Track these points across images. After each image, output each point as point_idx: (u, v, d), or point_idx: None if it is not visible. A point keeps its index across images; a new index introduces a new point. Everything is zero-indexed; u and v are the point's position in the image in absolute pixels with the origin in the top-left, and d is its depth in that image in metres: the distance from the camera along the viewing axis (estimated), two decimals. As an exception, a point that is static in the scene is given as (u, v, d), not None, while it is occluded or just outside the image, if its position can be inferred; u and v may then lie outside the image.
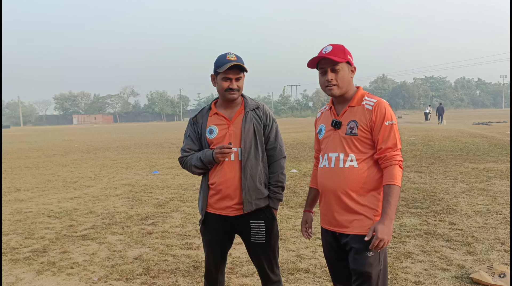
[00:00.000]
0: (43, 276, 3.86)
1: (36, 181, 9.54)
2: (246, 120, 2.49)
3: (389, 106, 2.14)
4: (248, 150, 2.46)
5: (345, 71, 2.15)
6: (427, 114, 39.65)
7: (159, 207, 6.43)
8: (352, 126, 2.13)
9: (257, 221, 2.49)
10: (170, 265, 4.03)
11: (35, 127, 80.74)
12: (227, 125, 2.49)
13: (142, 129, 45.70)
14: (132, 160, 13.21)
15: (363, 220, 2.11)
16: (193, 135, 2.60)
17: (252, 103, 2.56)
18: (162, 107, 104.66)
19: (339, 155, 2.15)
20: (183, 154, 2.61)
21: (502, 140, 15.17)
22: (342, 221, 2.15)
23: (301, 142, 17.49)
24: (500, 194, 6.52)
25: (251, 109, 2.52)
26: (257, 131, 2.50)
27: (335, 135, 2.18)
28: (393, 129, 2.09)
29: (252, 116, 2.51)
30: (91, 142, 23.83)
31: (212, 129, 2.51)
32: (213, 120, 2.53)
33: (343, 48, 2.16)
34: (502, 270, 3.44)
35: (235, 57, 2.43)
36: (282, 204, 6.32)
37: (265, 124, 2.55)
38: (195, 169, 2.53)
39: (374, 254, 2.09)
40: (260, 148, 2.50)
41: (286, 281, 3.58)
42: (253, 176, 2.46)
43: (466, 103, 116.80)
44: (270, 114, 2.59)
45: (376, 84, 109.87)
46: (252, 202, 2.45)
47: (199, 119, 2.59)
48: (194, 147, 2.58)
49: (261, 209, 2.50)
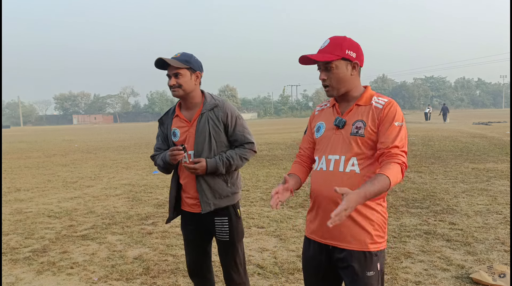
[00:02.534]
0: (43, 276, 3.86)
1: (36, 181, 9.53)
2: (201, 121, 2.46)
3: (399, 108, 1.93)
4: (200, 153, 2.46)
5: (341, 69, 1.89)
6: (427, 114, 39.65)
7: (159, 207, 6.43)
8: (359, 126, 1.89)
9: (221, 218, 2.52)
10: (170, 265, 4.03)
11: (35, 127, 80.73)
12: (187, 127, 2.51)
13: (142, 129, 45.68)
14: (132, 160, 13.20)
15: (362, 234, 1.87)
16: (161, 136, 2.66)
17: (211, 102, 2.50)
18: (162, 107, 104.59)
19: (340, 157, 1.90)
20: (154, 152, 2.69)
21: (502, 140, 15.16)
22: (338, 233, 1.90)
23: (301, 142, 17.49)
24: (500, 194, 6.52)
25: (207, 110, 2.48)
26: (214, 132, 2.47)
27: (337, 135, 1.94)
28: (403, 131, 1.87)
29: (208, 117, 2.47)
30: (91, 142, 23.83)
31: (175, 132, 2.55)
32: (175, 122, 2.56)
33: (340, 42, 1.89)
34: (502, 270, 3.44)
35: (180, 54, 2.44)
36: (282, 204, 6.32)
37: (226, 124, 2.49)
38: (160, 168, 2.60)
39: (374, 273, 1.88)
40: (215, 149, 2.47)
41: (286, 281, 3.58)
42: (205, 178, 2.46)
43: (466, 103, 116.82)
44: (231, 111, 2.51)
45: (376, 84, 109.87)
46: (210, 202, 2.47)
47: (165, 121, 2.64)
48: (163, 146, 2.64)
49: (226, 206, 2.52)
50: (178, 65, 2.40)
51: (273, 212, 5.85)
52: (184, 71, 2.42)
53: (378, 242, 1.90)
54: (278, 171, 9.60)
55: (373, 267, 1.88)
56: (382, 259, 1.93)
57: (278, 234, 4.86)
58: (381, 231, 1.91)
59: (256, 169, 10.06)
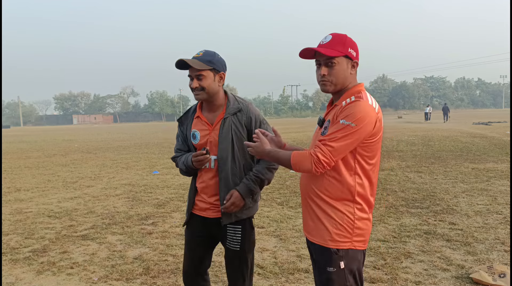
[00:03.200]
0: (43, 276, 3.86)
1: (36, 181, 9.53)
2: (224, 127, 2.33)
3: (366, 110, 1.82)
4: (225, 160, 2.34)
5: (342, 66, 1.90)
6: (427, 114, 39.64)
7: (159, 207, 6.43)
8: (326, 125, 1.93)
9: (234, 226, 2.39)
10: (170, 265, 4.03)
11: (35, 127, 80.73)
12: (208, 131, 2.38)
13: (142, 129, 45.68)
14: (132, 160, 13.20)
15: (323, 230, 1.92)
16: (181, 136, 2.54)
17: (234, 106, 2.37)
18: (162, 107, 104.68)
19: None
20: (175, 154, 2.59)
21: (502, 140, 15.16)
22: (308, 226, 2.02)
23: (301, 142, 17.49)
24: (500, 194, 6.52)
25: (231, 114, 2.36)
26: (237, 139, 2.34)
27: (317, 133, 2.01)
28: (343, 129, 1.79)
29: (231, 121, 2.35)
30: (91, 142, 23.82)
31: (194, 134, 2.43)
32: (196, 124, 2.44)
33: (343, 39, 1.91)
34: (502, 270, 3.44)
35: (202, 53, 2.29)
36: (282, 204, 6.33)
37: (249, 129, 2.38)
38: (182, 172, 2.51)
39: (336, 270, 1.89)
40: (239, 156, 2.35)
41: (286, 281, 3.58)
42: (229, 188, 2.34)
43: (466, 103, 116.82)
44: (255, 116, 2.39)
45: (376, 84, 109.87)
46: (231, 215, 2.36)
47: (184, 121, 2.52)
48: (183, 147, 2.53)
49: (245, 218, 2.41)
50: (201, 66, 2.25)
51: (273, 212, 5.85)
52: (207, 73, 2.28)
53: (338, 240, 1.90)
54: (278, 171, 9.56)
55: (334, 264, 1.90)
56: (349, 260, 1.91)
57: (278, 234, 4.86)
58: (345, 231, 1.90)
59: (256, 169, 10.05)
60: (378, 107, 1.92)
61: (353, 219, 1.91)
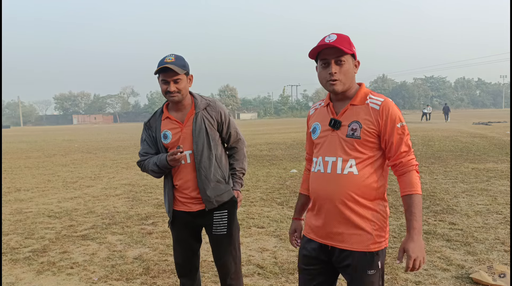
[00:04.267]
0: (43, 276, 3.86)
1: (36, 181, 9.53)
2: (197, 121, 2.48)
3: (396, 106, 1.91)
4: (201, 152, 2.47)
5: (350, 65, 1.89)
6: (425, 113, 39.54)
7: (159, 207, 6.43)
8: (354, 127, 1.86)
9: (220, 212, 2.54)
10: (170, 265, 4.03)
11: (35, 127, 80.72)
12: (179, 128, 2.50)
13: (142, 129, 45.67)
14: (132, 160, 13.20)
15: (363, 235, 1.88)
16: (148, 140, 2.62)
17: (203, 102, 2.53)
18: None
19: (337, 159, 1.88)
20: (140, 158, 2.64)
21: (502, 140, 15.16)
22: (338, 234, 1.91)
23: (301, 142, 17.49)
24: (500, 194, 6.52)
25: (201, 109, 2.51)
26: (210, 130, 2.50)
27: (333, 137, 1.91)
28: (405, 131, 1.88)
29: (203, 116, 2.50)
30: (91, 142, 23.82)
31: (166, 134, 2.52)
32: (166, 124, 2.53)
33: (348, 39, 1.90)
34: (502, 270, 3.44)
35: (174, 58, 2.40)
36: (282, 204, 6.33)
37: (219, 122, 2.55)
38: (152, 173, 2.57)
39: (375, 272, 1.90)
40: (213, 147, 2.51)
41: (286, 281, 3.58)
42: (207, 176, 2.49)
43: (466, 103, 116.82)
44: (223, 110, 2.57)
45: (376, 84, 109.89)
46: (212, 200, 2.50)
47: (152, 124, 2.61)
48: (151, 151, 2.61)
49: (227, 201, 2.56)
50: (179, 71, 2.39)
51: (273, 212, 5.85)
52: (182, 76, 2.43)
53: (378, 242, 1.90)
54: (278, 171, 9.60)
55: (374, 266, 1.89)
56: (383, 258, 1.95)
57: (278, 234, 4.86)
58: (382, 231, 1.91)
59: (256, 169, 10.06)
60: None
61: (385, 217, 1.94)
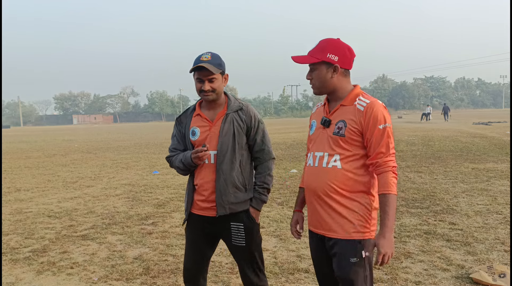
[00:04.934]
0: (43, 276, 3.86)
1: (36, 181, 9.54)
2: (226, 122, 2.43)
3: (383, 108, 2.03)
4: (224, 153, 2.41)
5: (321, 71, 2.04)
6: (425, 114, 39.53)
7: (159, 207, 6.43)
8: (340, 126, 2.04)
9: (237, 223, 2.46)
10: (170, 265, 4.03)
11: (35, 127, 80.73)
12: (208, 127, 2.46)
13: (142, 129, 45.69)
14: (132, 160, 13.21)
15: (345, 224, 2.04)
16: (178, 135, 2.59)
17: (235, 104, 2.49)
18: (162, 107, 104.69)
19: (323, 154, 2.08)
20: (169, 153, 2.61)
21: (502, 140, 15.16)
22: (325, 223, 2.09)
23: (301, 142, 17.49)
24: (500, 194, 6.52)
25: (233, 111, 2.46)
26: (237, 134, 2.44)
27: (323, 134, 2.11)
28: (386, 133, 1.98)
29: (233, 118, 2.45)
30: (91, 142, 23.83)
31: (194, 131, 2.49)
32: (196, 121, 2.51)
33: (324, 46, 2.04)
34: (502, 270, 3.44)
35: (210, 57, 2.38)
36: (282, 204, 6.33)
37: (249, 126, 2.48)
38: (178, 170, 2.54)
39: (358, 260, 2.02)
40: (238, 151, 2.44)
41: (286, 281, 3.58)
42: (226, 180, 2.41)
43: (466, 103, 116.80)
44: (255, 115, 2.51)
45: (376, 84, 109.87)
46: (226, 206, 2.41)
47: (183, 120, 2.58)
48: (179, 147, 2.57)
49: (241, 212, 2.47)
50: (215, 70, 2.36)
51: (273, 212, 5.85)
52: (218, 76, 2.40)
53: (361, 231, 2.05)
54: (278, 171, 9.60)
55: (357, 255, 2.03)
56: (369, 249, 2.06)
57: (278, 234, 4.86)
58: (365, 222, 2.05)
59: (256, 169, 10.05)
60: None
61: (370, 210, 2.06)
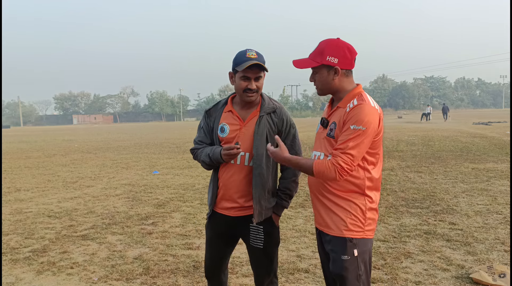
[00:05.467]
0: (43, 276, 3.86)
1: (36, 181, 9.53)
2: (260, 124, 2.35)
3: (371, 112, 1.97)
4: (261, 157, 2.34)
5: (322, 74, 2.07)
6: (425, 114, 39.53)
7: (159, 207, 6.43)
8: (332, 127, 2.08)
9: (257, 225, 2.41)
10: (170, 265, 4.03)
11: (35, 127, 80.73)
12: (239, 126, 2.39)
13: (142, 129, 45.69)
14: (132, 160, 13.20)
15: (338, 221, 2.09)
16: (206, 128, 2.51)
17: (269, 105, 2.41)
18: (162, 107, 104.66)
19: (320, 154, 2.13)
20: (195, 145, 2.54)
21: (502, 140, 15.16)
22: (323, 220, 2.16)
23: (301, 142, 17.47)
24: (500, 194, 6.52)
25: (266, 113, 2.39)
26: (270, 137, 2.38)
27: (321, 134, 2.18)
28: (355, 134, 1.94)
29: (266, 120, 2.38)
30: (91, 142, 23.82)
31: (223, 127, 2.41)
32: (226, 117, 2.43)
33: (323, 48, 2.05)
34: (502, 270, 3.44)
35: (256, 54, 2.30)
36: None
37: (280, 130, 2.43)
38: (203, 165, 2.47)
39: (350, 258, 2.06)
40: None
41: (286, 281, 3.59)
42: (264, 185, 2.36)
43: (466, 103, 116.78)
44: (287, 119, 2.44)
45: (376, 84, 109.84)
46: (263, 213, 2.39)
47: (213, 113, 2.49)
48: (206, 140, 2.50)
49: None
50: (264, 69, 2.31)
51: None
52: (263, 74, 2.35)
53: (353, 230, 2.07)
54: (278, 171, 9.59)
55: (348, 252, 2.07)
56: (362, 248, 2.09)
57: (278, 234, 4.85)
58: (359, 221, 2.08)
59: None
60: (379, 107, 2.07)
61: (364, 210, 2.09)
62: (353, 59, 2.08)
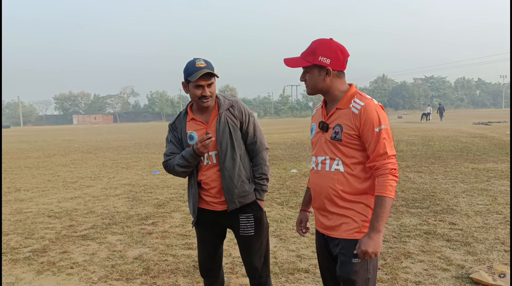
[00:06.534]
0: (43, 276, 3.86)
1: (36, 181, 9.54)
2: (220, 122, 2.51)
3: (379, 108, 2.01)
4: (225, 152, 2.49)
5: (313, 74, 2.04)
6: (425, 114, 39.56)
7: (159, 207, 6.43)
8: (337, 130, 2.04)
9: (246, 214, 2.55)
10: (170, 265, 4.03)
11: (35, 127, 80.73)
12: (205, 129, 2.54)
13: (142, 129, 45.69)
14: (132, 160, 13.21)
15: (350, 224, 2.05)
16: (174, 140, 2.64)
17: (226, 102, 2.56)
18: (162, 107, 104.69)
19: (325, 158, 2.09)
20: (166, 158, 2.64)
21: (502, 140, 15.16)
22: (330, 224, 2.11)
23: (301, 142, 17.49)
24: (500, 194, 6.52)
25: (225, 110, 2.54)
26: (233, 130, 2.52)
27: (322, 138, 2.12)
28: (382, 135, 1.96)
29: (226, 116, 2.53)
30: (91, 142, 23.83)
31: (191, 135, 2.56)
32: (191, 125, 2.57)
33: (315, 48, 2.03)
34: (502, 270, 3.44)
35: (204, 63, 2.44)
36: (282, 204, 6.33)
37: (241, 121, 2.57)
38: (178, 168, 2.54)
39: (360, 261, 2.02)
40: (237, 147, 2.53)
41: (286, 281, 3.58)
42: (231, 177, 2.50)
43: (466, 103, 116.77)
44: (245, 109, 2.60)
45: (376, 84, 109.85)
46: (235, 201, 2.50)
47: (178, 125, 2.63)
48: (177, 150, 2.61)
49: (249, 203, 2.56)
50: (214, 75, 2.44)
51: (273, 212, 5.85)
52: (214, 80, 2.48)
53: (364, 231, 2.04)
54: (278, 171, 9.60)
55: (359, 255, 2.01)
56: None
57: (278, 234, 4.86)
58: (368, 222, 2.03)
59: (256, 169, 10.05)
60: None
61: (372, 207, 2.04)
62: (345, 60, 2.06)
